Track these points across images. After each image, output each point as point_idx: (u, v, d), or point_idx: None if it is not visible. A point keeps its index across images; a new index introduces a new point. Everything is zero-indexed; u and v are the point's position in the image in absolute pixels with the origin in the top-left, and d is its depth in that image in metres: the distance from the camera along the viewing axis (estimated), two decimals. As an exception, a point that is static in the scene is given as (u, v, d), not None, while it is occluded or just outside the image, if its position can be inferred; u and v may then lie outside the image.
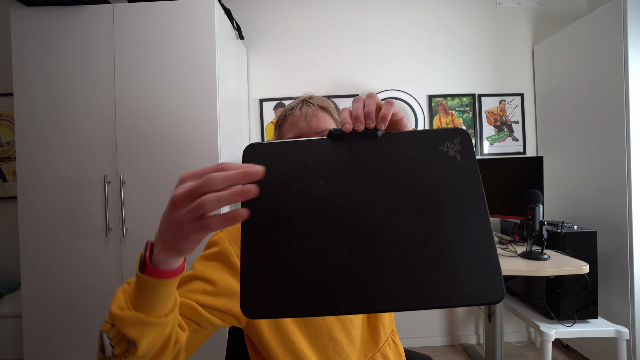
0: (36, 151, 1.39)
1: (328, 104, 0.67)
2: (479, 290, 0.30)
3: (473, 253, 0.32)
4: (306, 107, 0.64)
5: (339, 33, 2.04)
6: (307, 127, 0.62)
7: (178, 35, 1.38)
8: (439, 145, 0.38)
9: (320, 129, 0.63)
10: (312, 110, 0.63)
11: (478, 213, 0.34)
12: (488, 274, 0.31)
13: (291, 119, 0.64)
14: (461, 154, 0.37)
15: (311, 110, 0.63)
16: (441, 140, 0.38)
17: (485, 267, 0.31)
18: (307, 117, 0.62)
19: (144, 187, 1.39)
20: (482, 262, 0.32)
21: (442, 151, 0.38)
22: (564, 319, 1.43)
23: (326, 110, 0.65)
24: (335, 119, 0.67)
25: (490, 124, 2.05)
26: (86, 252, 1.39)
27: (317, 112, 0.63)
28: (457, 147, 0.38)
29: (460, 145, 0.38)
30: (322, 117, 0.63)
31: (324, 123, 0.63)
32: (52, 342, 1.40)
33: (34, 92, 1.39)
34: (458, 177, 0.36)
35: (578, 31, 1.69)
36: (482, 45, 2.05)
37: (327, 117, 0.65)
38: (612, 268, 1.52)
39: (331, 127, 0.50)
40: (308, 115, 0.62)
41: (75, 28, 1.39)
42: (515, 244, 1.54)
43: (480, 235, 0.33)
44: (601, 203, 1.58)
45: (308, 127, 0.62)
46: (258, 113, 2.03)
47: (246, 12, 2.02)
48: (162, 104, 1.39)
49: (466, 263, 0.32)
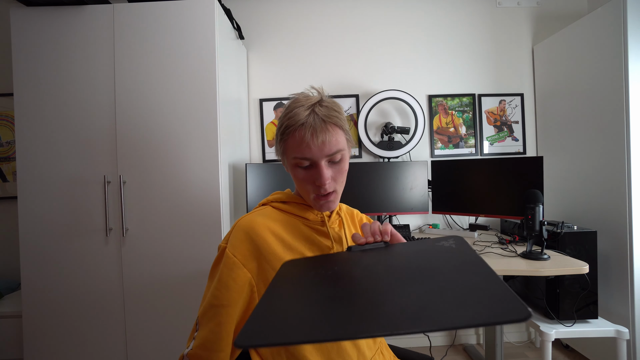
0: (36, 151, 1.39)
1: (339, 114, 0.60)
2: (502, 309, 0.30)
3: (482, 288, 0.33)
4: (318, 122, 0.56)
5: (339, 33, 2.04)
6: (319, 151, 0.56)
7: (178, 35, 1.38)
8: (436, 243, 0.49)
9: (332, 151, 0.57)
10: (324, 128, 0.56)
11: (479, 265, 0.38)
12: (506, 297, 0.31)
13: (299, 136, 0.56)
14: (456, 244, 0.46)
15: (322, 128, 0.56)
16: (439, 241, 0.49)
17: (501, 293, 0.32)
18: (319, 138, 0.55)
19: (144, 187, 1.39)
20: (495, 292, 0.33)
21: (439, 245, 0.47)
22: (564, 319, 1.43)
23: (337, 125, 0.59)
24: (345, 130, 0.61)
25: (490, 124, 2.05)
26: (86, 252, 1.39)
27: (328, 130, 0.57)
28: (452, 243, 0.47)
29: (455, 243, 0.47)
30: (334, 136, 0.57)
31: (336, 144, 0.57)
32: (52, 342, 1.40)
33: (34, 92, 1.39)
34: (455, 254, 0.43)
35: (578, 31, 1.69)
36: (482, 45, 2.05)
37: (338, 133, 0.58)
38: (612, 268, 1.52)
39: (341, 146, 0.59)
40: (319, 136, 0.55)
41: (75, 28, 1.39)
42: (515, 244, 1.54)
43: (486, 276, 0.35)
44: (601, 203, 1.58)
45: (319, 151, 0.56)
46: (258, 113, 2.03)
47: (246, 12, 2.02)
48: (162, 104, 1.39)
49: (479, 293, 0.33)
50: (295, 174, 0.61)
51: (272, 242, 0.58)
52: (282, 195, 0.67)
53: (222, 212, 1.40)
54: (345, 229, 0.68)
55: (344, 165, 0.61)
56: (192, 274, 1.39)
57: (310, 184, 0.59)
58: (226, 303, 0.54)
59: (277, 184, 1.72)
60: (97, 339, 1.41)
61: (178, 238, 1.39)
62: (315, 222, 0.64)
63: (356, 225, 0.76)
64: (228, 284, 0.55)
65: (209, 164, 1.39)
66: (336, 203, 0.63)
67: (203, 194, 1.39)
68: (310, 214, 0.64)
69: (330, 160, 0.59)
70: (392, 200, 1.77)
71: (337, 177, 0.60)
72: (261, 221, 0.60)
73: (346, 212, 0.76)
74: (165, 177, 1.39)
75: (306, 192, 0.61)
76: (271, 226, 0.60)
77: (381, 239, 0.53)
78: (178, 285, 1.39)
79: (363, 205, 1.76)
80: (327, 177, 0.57)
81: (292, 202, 0.65)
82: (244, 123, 1.93)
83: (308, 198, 0.62)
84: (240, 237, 0.58)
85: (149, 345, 1.41)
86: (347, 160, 0.62)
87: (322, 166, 0.57)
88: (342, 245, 0.65)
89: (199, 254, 1.38)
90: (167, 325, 1.40)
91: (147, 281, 1.39)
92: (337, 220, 0.68)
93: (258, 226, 0.59)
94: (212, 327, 0.54)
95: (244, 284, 0.55)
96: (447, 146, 2.05)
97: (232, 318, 0.54)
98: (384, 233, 0.54)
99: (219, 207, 1.39)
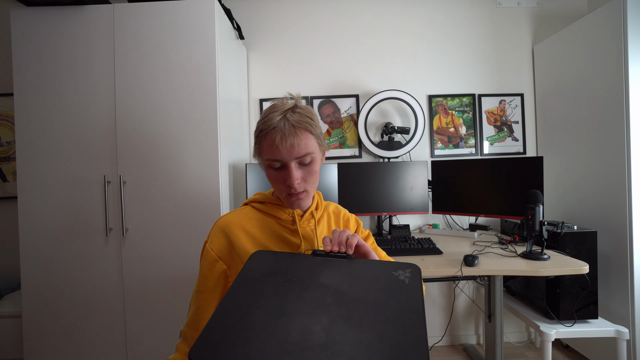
0: (36, 151, 1.39)
1: (310, 120, 0.64)
2: None
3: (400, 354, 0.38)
4: (287, 127, 0.61)
5: (339, 33, 2.04)
6: (288, 153, 0.61)
7: (178, 35, 1.38)
8: (393, 271, 0.51)
9: (300, 154, 0.62)
10: (293, 132, 0.61)
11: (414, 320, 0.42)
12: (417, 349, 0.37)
13: (271, 139, 0.61)
14: (410, 279, 0.49)
15: (291, 132, 0.61)
16: (396, 268, 0.52)
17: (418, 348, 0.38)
18: (288, 141, 0.60)
19: (144, 187, 1.39)
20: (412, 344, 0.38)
21: (394, 275, 0.50)
22: (564, 319, 1.43)
23: (307, 130, 0.63)
24: (316, 135, 0.65)
25: (490, 124, 2.05)
26: (86, 252, 1.39)
27: (297, 134, 0.61)
28: (407, 274, 0.50)
29: (410, 276, 0.50)
30: (303, 139, 0.62)
31: (304, 147, 0.62)
32: (52, 342, 1.40)
33: (34, 92, 1.39)
34: (403, 295, 0.46)
35: (578, 31, 1.69)
36: (482, 45, 2.05)
37: (308, 137, 0.63)
38: (612, 268, 1.52)
39: (310, 150, 0.64)
40: (289, 139, 0.60)
41: (75, 28, 1.39)
42: (515, 244, 1.54)
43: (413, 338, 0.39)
44: (601, 203, 1.58)
45: (288, 153, 0.61)
46: (258, 113, 2.03)
47: (246, 12, 2.02)
48: (162, 104, 1.39)
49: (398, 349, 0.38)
50: (268, 174, 0.67)
51: (243, 239, 0.65)
52: (260, 196, 0.74)
53: (222, 211, 1.40)
54: (318, 230, 0.72)
55: (314, 167, 0.66)
56: (192, 274, 1.39)
57: (281, 183, 0.65)
58: (204, 289, 0.64)
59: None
60: (97, 339, 1.41)
61: (178, 238, 1.39)
62: (287, 221, 0.70)
63: (340, 224, 0.79)
64: (206, 274, 0.64)
65: (209, 164, 1.39)
66: (307, 201, 0.70)
67: (203, 194, 1.39)
68: (283, 214, 0.70)
69: (300, 162, 0.64)
70: (392, 200, 1.77)
71: (307, 178, 0.66)
72: (236, 220, 0.68)
73: (332, 212, 0.79)
74: (165, 177, 1.39)
75: (279, 190, 0.67)
76: (245, 225, 0.68)
77: (345, 251, 0.56)
78: (178, 285, 1.39)
79: (363, 205, 1.76)
80: (297, 177, 0.63)
81: (268, 203, 0.72)
82: (244, 123, 1.93)
83: (281, 196, 0.69)
84: (217, 234, 0.67)
85: (149, 345, 1.41)
86: (318, 162, 0.68)
87: (291, 167, 0.63)
88: (312, 243, 0.69)
89: (199, 253, 1.38)
90: (167, 325, 1.40)
91: (147, 281, 1.39)
92: (311, 220, 0.72)
93: (232, 224, 0.67)
94: (195, 309, 0.64)
95: (220, 274, 0.64)
96: (447, 146, 2.05)
97: (210, 303, 0.64)
98: (348, 246, 0.56)
99: (219, 207, 1.39)
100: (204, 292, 0.64)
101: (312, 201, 0.73)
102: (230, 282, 0.64)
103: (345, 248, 0.56)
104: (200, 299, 0.64)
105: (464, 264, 1.23)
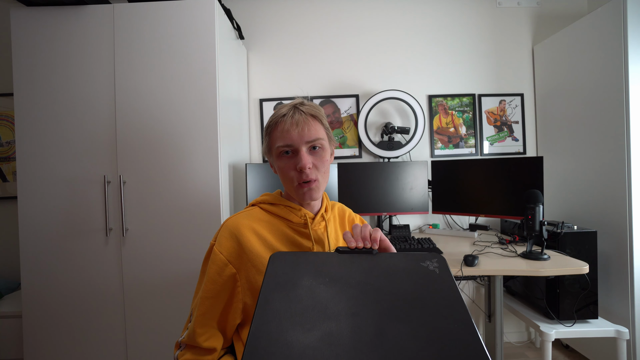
0: (36, 151, 1.39)
1: (319, 111, 0.67)
2: None
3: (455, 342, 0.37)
4: (297, 114, 0.63)
5: (339, 33, 2.04)
6: (299, 137, 0.62)
7: (178, 35, 1.38)
8: (421, 262, 0.51)
9: (311, 138, 0.63)
10: (304, 119, 0.63)
11: (458, 309, 0.42)
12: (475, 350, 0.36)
13: (282, 126, 0.63)
14: (439, 269, 0.49)
15: (302, 119, 0.63)
16: (423, 259, 0.52)
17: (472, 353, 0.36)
18: (299, 126, 0.62)
19: (144, 187, 1.39)
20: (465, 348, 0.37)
21: (424, 266, 0.50)
22: (564, 319, 1.43)
23: (317, 118, 0.65)
24: (325, 127, 0.67)
25: (490, 124, 2.05)
26: (86, 252, 1.39)
27: (308, 120, 0.63)
28: (435, 264, 0.50)
29: (438, 265, 0.50)
30: (313, 126, 0.64)
31: (315, 132, 0.64)
32: (52, 342, 1.40)
33: (34, 92, 1.39)
34: (438, 283, 0.46)
35: (578, 31, 1.69)
36: (482, 45, 2.05)
37: (317, 125, 0.65)
38: (612, 268, 1.52)
39: (321, 135, 0.64)
40: (300, 124, 0.62)
41: (75, 28, 1.39)
42: (515, 244, 1.54)
43: (464, 328, 0.39)
44: (601, 203, 1.58)
45: (299, 137, 0.62)
46: (258, 113, 2.03)
47: (246, 12, 2.02)
48: (162, 104, 1.39)
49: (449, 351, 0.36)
50: (279, 165, 0.66)
51: (254, 242, 0.63)
52: (269, 197, 0.71)
53: (222, 212, 1.40)
54: (328, 232, 0.70)
55: (325, 155, 0.66)
56: (192, 274, 1.39)
57: (292, 170, 0.64)
58: (211, 295, 0.61)
59: (277, 184, 1.72)
60: (97, 339, 1.41)
61: (178, 238, 1.39)
62: (299, 225, 0.68)
63: (345, 226, 0.78)
64: (215, 278, 0.61)
65: (209, 164, 1.39)
66: (318, 193, 0.66)
67: (203, 194, 1.39)
68: (294, 217, 0.68)
69: (311, 147, 0.64)
70: (392, 200, 1.77)
71: (318, 166, 0.65)
72: (246, 222, 0.65)
73: (337, 213, 0.78)
74: (165, 177, 1.39)
75: (289, 180, 0.65)
76: (255, 227, 0.65)
77: (370, 246, 0.55)
78: (178, 285, 1.39)
79: (363, 205, 1.76)
80: (308, 161, 0.62)
81: (279, 205, 0.69)
82: (244, 123, 1.93)
83: (292, 189, 0.66)
84: (226, 236, 0.63)
85: (149, 345, 1.41)
86: (328, 153, 0.67)
87: (302, 151, 0.63)
88: (323, 246, 0.68)
89: (199, 254, 1.38)
90: (167, 325, 1.40)
91: (147, 281, 1.39)
92: (322, 222, 0.71)
93: (242, 226, 0.64)
94: (200, 317, 0.60)
95: (229, 278, 0.61)
96: (447, 146, 2.05)
97: (217, 309, 0.61)
98: (373, 241, 0.55)
99: (219, 207, 1.39)
100: (210, 298, 0.61)
101: (322, 203, 0.73)
102: (238, 286, 0.61)
103: (370, 243, 0.55)
104: (206, 304, 0.61)
105: (464, 264, 1.23)
